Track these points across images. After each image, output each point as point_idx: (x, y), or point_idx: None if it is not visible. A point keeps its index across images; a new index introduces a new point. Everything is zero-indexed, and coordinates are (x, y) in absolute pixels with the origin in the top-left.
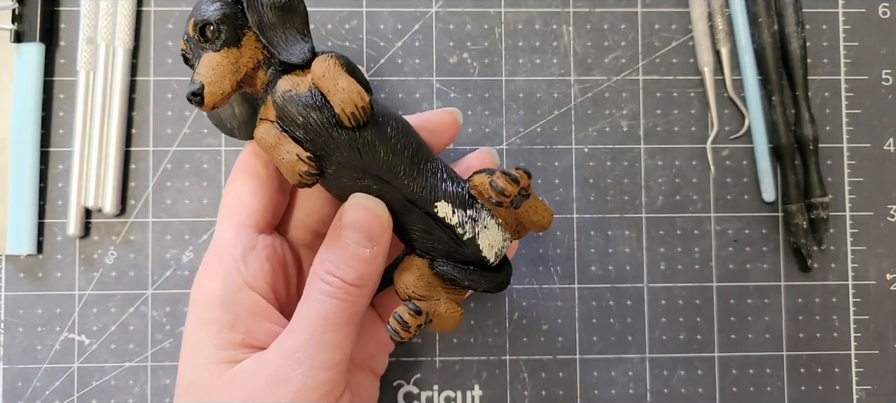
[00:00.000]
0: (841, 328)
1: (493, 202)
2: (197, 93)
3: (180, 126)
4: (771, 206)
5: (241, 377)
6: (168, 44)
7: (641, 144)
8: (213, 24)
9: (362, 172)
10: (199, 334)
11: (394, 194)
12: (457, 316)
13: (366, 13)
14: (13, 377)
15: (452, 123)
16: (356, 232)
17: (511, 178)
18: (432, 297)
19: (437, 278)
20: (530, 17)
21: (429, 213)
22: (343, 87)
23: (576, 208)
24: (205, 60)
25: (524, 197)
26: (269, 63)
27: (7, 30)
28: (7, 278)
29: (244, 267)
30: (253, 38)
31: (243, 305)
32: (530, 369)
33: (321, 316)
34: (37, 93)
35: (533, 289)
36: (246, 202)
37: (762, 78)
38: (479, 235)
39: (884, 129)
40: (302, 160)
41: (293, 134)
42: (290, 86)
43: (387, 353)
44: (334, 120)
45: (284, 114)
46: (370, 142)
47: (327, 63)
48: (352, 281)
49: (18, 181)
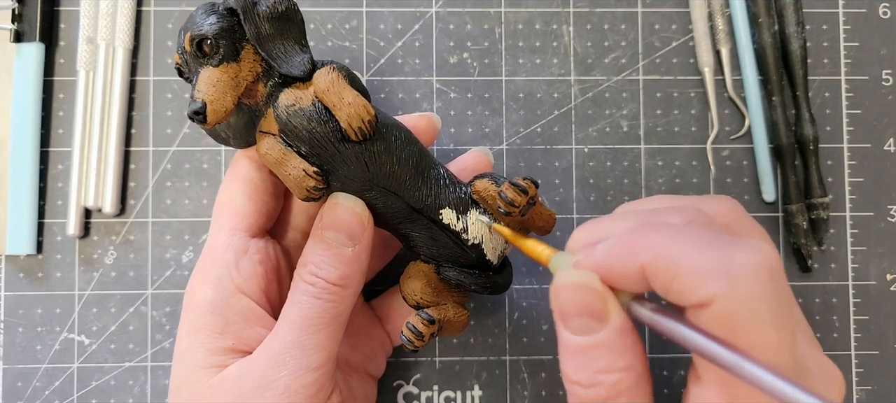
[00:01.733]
0: (841, 328)
1: (501, 212)
2: (199, 111)
3: (180, 126)
4: (771, 206)
5: (229, 381)
6: (168, 44)
7: (642, 144)
8: (211, 39)
9: (369, 184)
10: (191, 339)
11: (399, 203)
12: (464, 319)
13: (366, 13)
14: (13, 377)
15: (430, 128)
16: (337, 232)
17: (519, 189)
18: (439, 302)
19: (444, 283)
20: (530, 17)
21: (433, 220)
22: (349, 102)
23: (576, 208)
24: (204, 76)
25: (531, 205)
26: (269, 76)
27: (7, 30)
28: (7, 278)
29: (236, 271)
30: (251, 51)
31: (234, 310)
32: (530, 369)
33: (305, 318)
34: (37, 93)
35: (533, 289)
36: (239, 206)
37: (762, 78)
38: (483, 239)
39: (884, 130)
40: (309, 175)
41: (298, 148)
42: (292, 99)
43: (385, 356)
44: (340, 133)
45: (288, 128)
46: (376, 155)
47: (331, 76)
48: (335, 281)
49: (18, 181)
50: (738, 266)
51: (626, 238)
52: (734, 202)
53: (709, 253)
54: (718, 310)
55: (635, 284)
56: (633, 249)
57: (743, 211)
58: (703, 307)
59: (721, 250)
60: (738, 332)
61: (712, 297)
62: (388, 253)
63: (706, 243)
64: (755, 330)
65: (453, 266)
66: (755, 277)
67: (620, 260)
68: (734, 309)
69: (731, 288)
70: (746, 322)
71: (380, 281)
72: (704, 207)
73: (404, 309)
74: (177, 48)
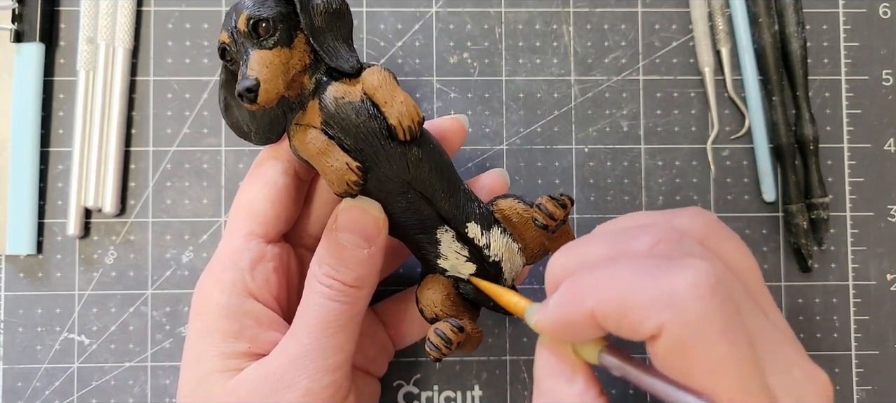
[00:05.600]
0: (841, 328)
1: (538, 224)
2: (252, 88)
3: (180, 126)
4: (771, 206)
5: (247, 384)
6: (168, 44)
7: (642, 144)
8: (270, 22)
9: (407, 186)
10: (204, 342)
11: (430, 210)
12: (480, 336)
13: (366, 13)
14: (13, 377)
15: (460, 130)
16: (353, 234)
17: (559, 203)
18: (458, 317)
19: (461, 298)
20: (530, 17)
21: (458, 232)
22: (401, 101)
23: (576, 208)
24: (257, 57)
25: (563, 222)
26: (316, 68)
27: (7, 30)
28: (7, 278)
29: (250, 278)
30: (303, 41)
31: (249, 315)
32: (530, 369)
33: (322, 319)
34: (37, 93)
35: (533, 290)
36: (260, 211)
37: (763, 78)
38: (503, 257)
39: (884, 129)
40: (351, 169)
41: (341, 142)
42: (342, 93)
43: (387, 357)
44: (386, 132)
45: (335, 120)
46: (419, 158)
47: (383, 75)
48: (351, 283)
49: (18, 181)
50: (677, 290)
51: (571, 287)
52: (707, 214)
53: (649, 284)
54: (669, 339)
55: (592, 330)
56: (579, 297)
57: (717, 222)
58: (655, 339)
59: (660, 278)
60: (692, 356)
61: (660, 327)
62: (395, 261)
63: (646, 273)
64: (706, 349)
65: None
66: (695, 297)
67: (571, 311)
68: (682, 335)
69: (674, 314)
70: (696, 343)
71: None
72: (676, 223)
73: (408, 314)
74: (225, 27)
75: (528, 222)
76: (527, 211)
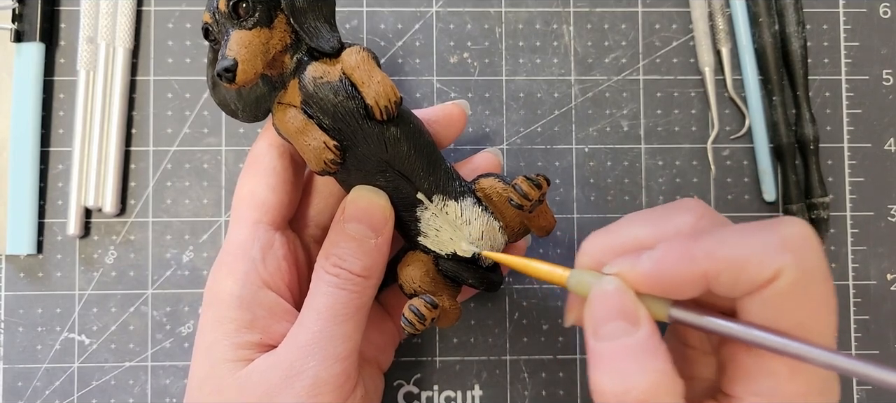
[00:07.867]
0: (841, 328)
1: (512, 204)
2: (230, 69)
3: (180, 126)
4: (772, 206)
5: (257, 374)
6: (168, 43)
7: (642, 144)
8: (249, 2)
9: (385, 164)
10: (216, 332)
11: (408, 190)
12: (457, 312)
13: (366, 13)
14: (13, 377)
15: (461, 116)
16: (360, 224)
17: (533, 183)
18: (436, 293)
19: (440, 275)
20: (530, 16)
21: (439, 211)
22: (378, 81)
23: (576, 208)
24: (236, 37)
25: (540, 202)
26: (296, 48)
27: (7, 29)
28: (7, 278)
29: (262, 266)
30: (284, 21)
31: (262, 305)
32: (530, 369)
33: (331, 308)
34: (37, 93)
35: (533, 289)
36: (263, 199)
37: (763, 78)
38: (484, 235)
39: (884, 129)
40: (329, 148)
41: (320, 121)
42: (321, 72)
43: (393, 349)
44: (363, 111)
45: (314, 100)
46: (396, 138)
47: (361, 55)
48: (359, 272)
49: (18, 181)
50: (792, 236)
51: (680, 247)
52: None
53: (762, 236)
54: (785, 280)
55: (689, 290)
56: (689, 259)
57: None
58: (769, 283)
59: (771, 231)
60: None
61: (778, 271)
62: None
63: (753, 232)
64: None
65: (450, 259)
66: (808, 242)
67: (677, 269)
68: (797, 275)
69: (792, 257)
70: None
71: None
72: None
73: None
74: (208, 8)
75: (507, 201)
76: (505, 190)
